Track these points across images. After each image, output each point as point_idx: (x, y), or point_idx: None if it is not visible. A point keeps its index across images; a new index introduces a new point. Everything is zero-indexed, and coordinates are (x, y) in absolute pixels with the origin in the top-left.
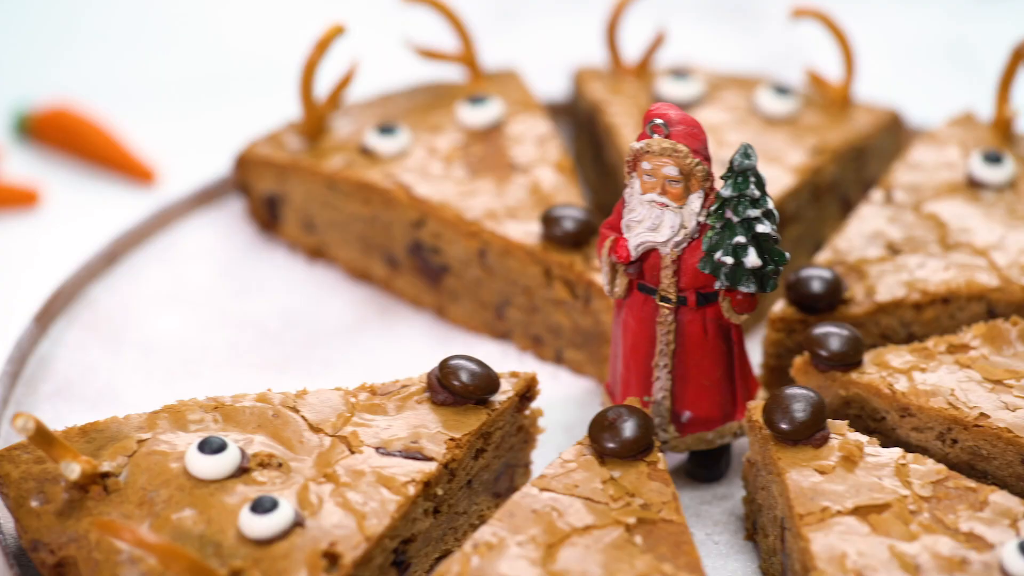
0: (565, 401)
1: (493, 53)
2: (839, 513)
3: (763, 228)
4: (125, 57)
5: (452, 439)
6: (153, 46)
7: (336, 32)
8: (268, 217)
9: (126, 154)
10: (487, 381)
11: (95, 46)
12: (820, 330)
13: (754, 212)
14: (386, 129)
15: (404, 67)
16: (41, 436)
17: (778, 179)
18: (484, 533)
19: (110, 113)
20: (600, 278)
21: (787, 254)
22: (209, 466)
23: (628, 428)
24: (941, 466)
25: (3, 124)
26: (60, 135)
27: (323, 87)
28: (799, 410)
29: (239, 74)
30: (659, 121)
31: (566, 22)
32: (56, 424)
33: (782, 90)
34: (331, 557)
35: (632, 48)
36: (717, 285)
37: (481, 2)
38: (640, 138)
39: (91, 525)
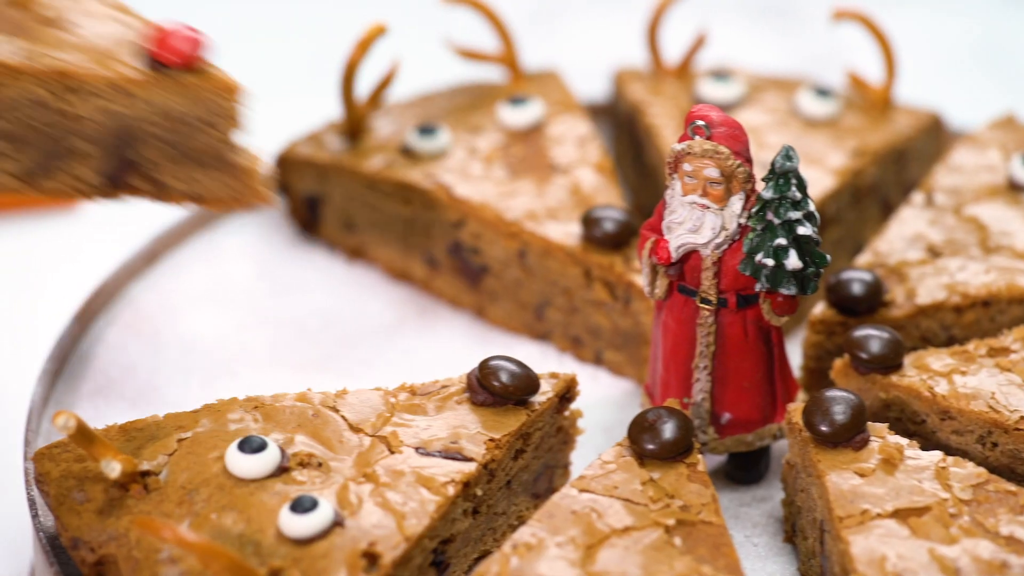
0: (604, 402)
1: (533, 53)
2: (879, 516)
3: (804, 230)
4: None
5: (492, 440)
6: None
7: (377, 32)
8: (308, 217)
9: None
10: (527, 382)
11: None
12: (860, 332)
13: (795, 214)
14: (426, 129)
15: (445, 67)
16: (82, 434)
17: (818, 181)
18: (523, 534)
19: None
20: (640, 279)
21: (828, 256)
22: (249, 465)
23: (668, 430)
24: (981, 469)
25: None
26: None
27: (364, 87)
28: (839, 412)
29: (280, 74)
30: (701, 123)
31: (606, 23)
32: (96, 423)
33: (823, 92)
34: (371, 557)
35: (673, 49)
36: (758, 287)
37: (521, 2)
38: (681, 139)
39: (131, 523)
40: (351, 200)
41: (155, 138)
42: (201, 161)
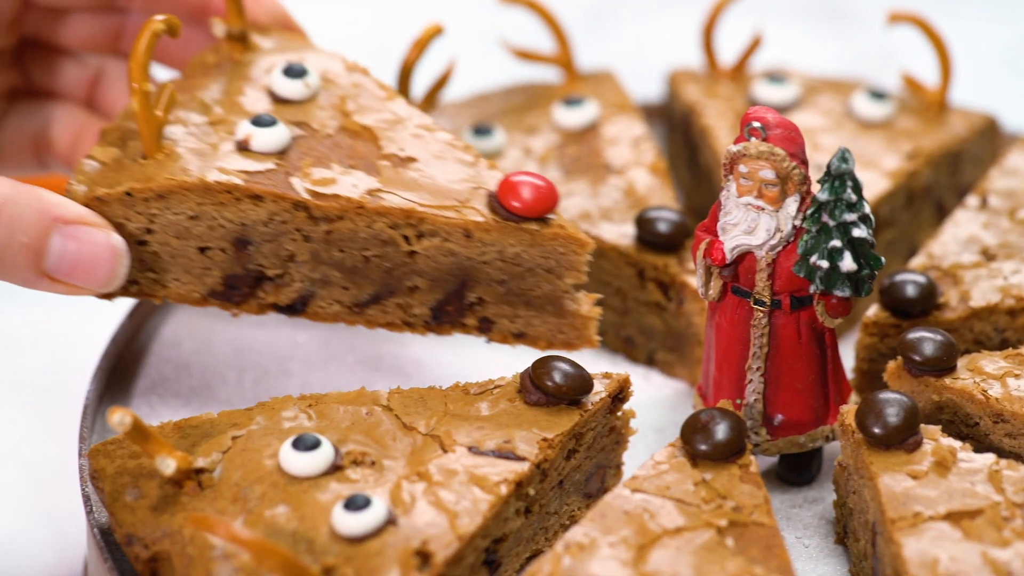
0: (656, 403)
1: (587, 54)
2: (931, 518)
3: (859, 232)
4: None
5: (545, 439)
6: None
7: (434, 32)
8: None
9: None
10: (580, 382)
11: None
12: (914, 335)
13: (850, 216)
14: (482, 129)
15: (500, 67)
16: (137, 431)
17: (873, 183)
18: (576, 533)
19: None
20: (694, 280)
21: (882, 259)
22: (303, 463)
23: (721, 430)
24: None
25: None
26: None
27: (420, 87)
28: (892, 415)
29: None
30: (757, 124)
31: (659, 24)
32: (150, 420)
33: (878, 94)
34: (423, 556)
35: (727, 50)
36: (812, 289)
37: (576, 3)
38: (737, 141)
39: (185, 520)
40: None
41: (492, 280)
42: (535, 305)
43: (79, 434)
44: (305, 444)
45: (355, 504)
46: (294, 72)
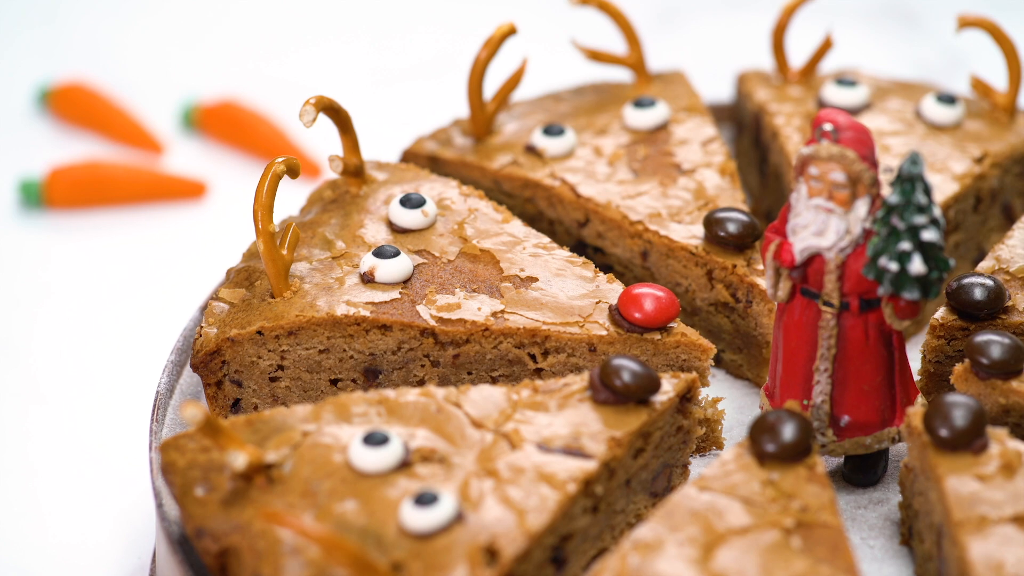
0: (723, 404)
1: (656, 53)
2: (998, 521)
3: (929, 236)
4: (294, 53)
5: (613, 438)
6: (323, 42)
7: (507, 32)
8: None
9: (293, 147)
10: (648, 381)
11: (265, 42)
12: (981, 338)
13: (920, 219)
14: (552, 129)
15: (571, 68)
16: (208, 426)
17: (941, 187)
18: (643, 532)
19: (276, 107)
20: (763, 281)
21: (952, 261)
22: (372, 459)
23: (788, 431)
24: None
25: (171, 117)
26: (227, 128)
27: (491, 86)
28: (959, 417)
29: (407, 71)
30: (829, 127)
31: (728, 24)
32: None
33: (947, 98)
34: (491, 552)
35: (795, 52)
36: (880, 291)
37: (646, 3)
38: (809, 143)
39: (255, 514)
40: None
41: None
42: None
43: (149, 427)
44: (375, 440)
45: (424, 500)
46: (412, 203)
